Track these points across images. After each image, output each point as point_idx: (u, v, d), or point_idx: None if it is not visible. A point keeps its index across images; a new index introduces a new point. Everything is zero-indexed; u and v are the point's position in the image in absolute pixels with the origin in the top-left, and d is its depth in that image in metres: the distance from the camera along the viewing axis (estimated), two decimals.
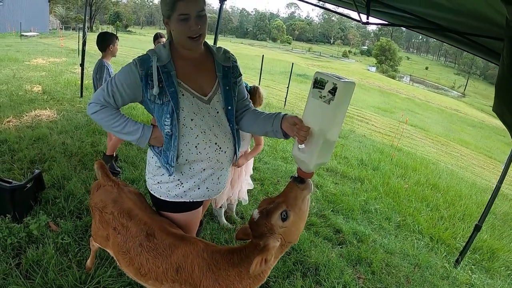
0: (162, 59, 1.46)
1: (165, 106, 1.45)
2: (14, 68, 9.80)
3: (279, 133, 1.50)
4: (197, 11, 1.39)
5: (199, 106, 1.50)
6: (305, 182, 1.41)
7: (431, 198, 5.04)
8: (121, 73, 1.48)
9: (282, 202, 1.37)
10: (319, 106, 1.35)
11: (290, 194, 1.38)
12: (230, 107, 1.57)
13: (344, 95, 1.31)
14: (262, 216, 1.38)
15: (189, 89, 1.49)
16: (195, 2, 1.38)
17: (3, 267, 2.22)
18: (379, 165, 6.11)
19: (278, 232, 1.36)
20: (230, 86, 1.57)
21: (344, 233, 3.39)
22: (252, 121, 1.63)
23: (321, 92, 1.34)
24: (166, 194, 1.60)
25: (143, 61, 1.45)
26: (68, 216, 2.85)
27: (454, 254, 3.59)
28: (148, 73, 1.44)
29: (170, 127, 1.46)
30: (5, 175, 3.34)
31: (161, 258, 1.49)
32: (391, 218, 4.04)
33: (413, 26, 3.14)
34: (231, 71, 1.59)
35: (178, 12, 1.38)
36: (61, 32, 31.54)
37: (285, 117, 1.47)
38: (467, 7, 2.13)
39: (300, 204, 1.39)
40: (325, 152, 1.39)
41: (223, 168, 1.64)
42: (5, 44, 17.41)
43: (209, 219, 3.18)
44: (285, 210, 1.35)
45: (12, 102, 6.10)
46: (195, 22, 1.40)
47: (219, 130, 1.55)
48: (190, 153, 1.51)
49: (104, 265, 2.29)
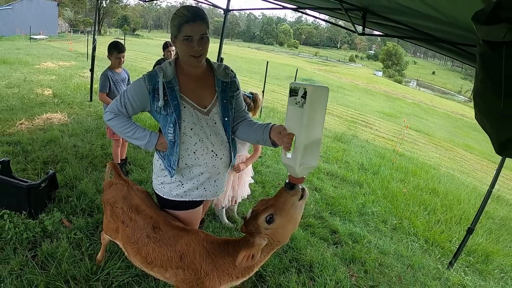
0: (168, 75, 1.67)
1: (169, 117, 1.66)
2: (24, 71, 10.09)
3: (268, 142, 1.67)
4: (200, 34, 1.59)
5: (199, 117, 1.70)
6: (295, 188, 1.53)
7: (429, 202, 5.15)
8: (132, 87, 1.72)
9: (270, 206, 1.52)
10: (295, 112, 1.49)
11: (280, 199, 1.53)
12: (226, 118, 1.76)
13: (316, 98, 1.45)
14: (252, 216, 1.55)
15: (190, 102, 1.70)
16: (198, 26, 1.58)
17: (20, 259, 2.41)
18: (379, 169, 6.23)
19: (264, 233, 1.52)
20: (227, 100, 1.76)
21: (340, 234, 3.54)
22: (246, 131, 1.81)
23: (296, 99, 1.49)
24: (169, 193, 1.81)
25: (151, 77, 1.67)
26: (80, 214, 3.04)
27: (448, 257, 3.70)
28: (155, 87, 1.65)
29: (173, 135, 1.67)
30: (20, 175, 3.54)
31: (166, 248, 1.68)
32: (387, 220, 4.18)
33: (408, 37, 3.29)
34: (229, 86, 1.78)
35: (183, 33, 1.58)
36: (69, 35, 32.03)
37: (273, 127, 1.64)
38: (459, 19, 2.27)
39: (288, 209, 1.51)
40: (309, 155, 1.51)
41: (219, 173, 1.83)
42: (15, 47, 17.79)
43: (212, 218, 3.36)
44: (271, 214, 1.50)
45: (24, 105, 6.34)
46: (197, 43, 1.60)
47: (216, 139, 1.74)
48: (189, 158, 1.72)
49: (113, 258, 2.48)
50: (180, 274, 1.67)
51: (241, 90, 1.90)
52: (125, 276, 2.36)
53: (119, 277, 2.35)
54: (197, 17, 1.57)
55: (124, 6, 64.14)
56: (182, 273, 1.66)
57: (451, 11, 2.20)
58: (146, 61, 17.73)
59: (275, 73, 24.31)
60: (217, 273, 1.62)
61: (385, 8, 2.91)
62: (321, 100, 1.49)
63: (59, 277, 2.28)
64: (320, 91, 1.48)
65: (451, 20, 2.38)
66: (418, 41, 3.44)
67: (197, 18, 1.57)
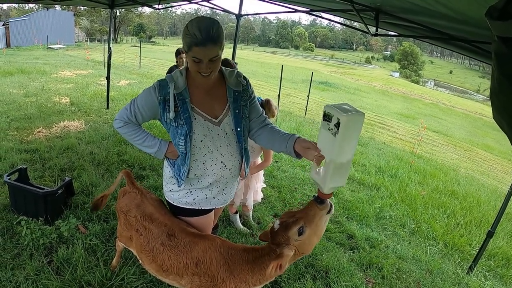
0: (179, 86, 1.63)
1: (180, 129, 1.63)
2: (42, 80, 10.34)
3: (292, 154, 1.63)
4: (210, 57, 1.50)
5: (209, 128, 1.67)
6: (324, 203, 1.55)
7: (448, 205, 5.02)
8: (142, 96, 1.70)
9: (301, 218, 1.53)
10: (328, 138, 1.45)
11: (310, 212, 1.54)
12: (239, 128, 1.72)
13: (349, 128, 1.38)
14: (281, 228, 1.55)
15: (201, 113, 1.66)
16: (209, 50, 1.48)
17: (36, 264, 2.45)
18: (397, 172, 6.11)
19: (293, 244, 1.53)
20: (240, 110, 1.72)
21: (356, 238, 3.47)
22: (269, 139, 1.76)
23: (329, 125, 1.43)
24: (178, 201, 1.80)
25: (161, 87, 1.64)
26: (95, 220, 3.07)
27: (468, 261, 3.59)
28: (166, 98, 1.62)
29: (184, 147, 1.65)
30: (37, 182, 3.61)
31: (182, 255, 1.67)
32: (405, 224, 4.08)
33: (422, 36, 3.22)
34: (241, 95, 1.73)
35: (192, 54, 1.50)
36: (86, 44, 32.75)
37: (298, 140, 1.61)
38: (472, 16, 2.22)
39: (317, 222, 1.54)
40: (338, 177, 1.49)
41: (227, 182, 1.81)
42: (33, 57, 18.30)
43: (227, 224, 3.34)
44: (302, 226, 1.52)
45: (41, 113, 6.49)
46: (206, 65, 1.53)
47: (226, 150, 1.71)
48: (198, 169, 1.70)
49: (128, 264, 2.49)
50: (196, 281, 1.66)
51: (255, 96, 1.85)
52: (139, 282, 2.37)
53: (133, 283, 2.36)
54: (208, 40, 1.46)
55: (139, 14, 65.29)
56: (198, 279, 1.65)
57: (464, 8, 2.15)
58: (162, 68, 17.93)
59: (291, 77, 24.25)
60: (233, 280, 1.61)
61: (398, 8, 2.86)
62: (354, 128, 1.42)
63: (74, 283, 2.31)
64: (355, 119, 1.40)
65: (464, 18, 2.33)
66: (433, 40, 3.36)
67: (208, 42, 1.46)
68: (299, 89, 18.57)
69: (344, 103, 1.48)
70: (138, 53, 18.89)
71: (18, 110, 6.64)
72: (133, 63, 18.33)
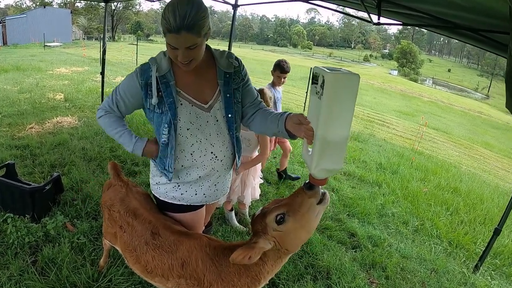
0: (162, 68, 1.46)
1: (164, 116, 1.47)
2: (37, 77, 10.18)
3: (285, 134, 1.44)
4: (186, 46, 1.33)
5: (198, 115, 1.50)
6: (313, 189, 1.33)
7: (451, 202, 4.88)
8: (124, 82, 1.54)
9: (284, 204, 1.34)
10: (315, 103, 1.25)
11: (296, 199, 1.33)
12: (230, 115, 1.54)
13: (337, 90, 1.16)
14: (260, 214, 1.37)
15: (188, 97, 1.49)
16: (184, 38, 1.30)
17: (20, 264, 2.32)
18: (398, 168, 5.97)
19: (271, 234, 1.34)
20: (231, 94, 1.54)
21: (358, 237, 3.33)
22: (261, 123, 1.58)
23: (316, 88, 1.23)
24: (165, 195, 1.63)
25: (143, 71, 1.47)
26: (84, 218, 2.93)
27: (473, 260, 3.46)
28: (148, 82, 1.46)
29: (167, 136, 1.48)
30: (26, 178, 3.48)
31: (166, 255, 1.51)
32: (408, 222, 3.94)
33: (426, 25, 3.09)
34: (232, 77, 1.54)
35: (167, 40, 1.34)
36: (83, 42, 32.52)
37: (289, 116, 1.42)
38: (481, 3, 2.10)
39: (304, 212, 1.32)
40: (329, 156, 1.25)
41: (219, 176, 1.64)
42: (29, 54, 18.14)
43: (222, 221, 3.20)
44: (282, 213, 1.32)
45: (35, 109, 6.34)
46: (182, 54, 1.35)
47: (216, 139, 1.55)
48: (185, 160, 1.54)
49: (116, 264, 2.34)
50: (183, 284, 1.49)
51: (249, 78, 1.66)
52: (128, 284, 2.22)
53: (121, 284, 2.21)
54: (182, 27, 1.27)
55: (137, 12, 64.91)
56: (184, 282, 1.48)
57: None
58: None
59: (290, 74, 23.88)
60: (221, 283, 1.43)
61: None
62: (347, 90, 1.18)
63: (58, 284, 2.17)
64: (344, 79, 1.17)
65: (472, 5, 2.21)
66: (437, 29, 3.23)
67: (182, 29, 1.28)
68: (297, 86, 18.42)
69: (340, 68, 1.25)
70: (135, 50, 18.74)
71: (11, 106, 6.50)
72: (130, 61, 18.15)
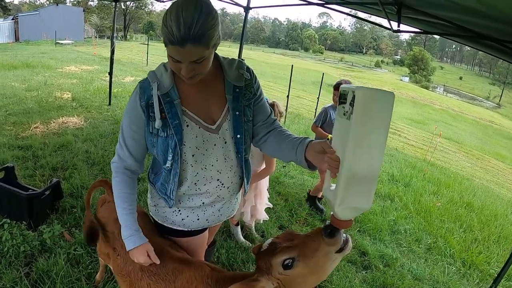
0: (165, 85, 1.26)
1: (170, 140, 1.26)
2: (46, 75, 10.14)
3: (304, 164, 1.23)
4: (190, 61, 1.13)
5: (204, 139, 1.30)
6: (335, 236, 1.11)
7: (465, 218, 4.69)
8: (127, 113, 1.31)
9: (296, 246, 1.15)
10: (342, 126, 1.05)
11: (311, 243, 1.14)
12: (239, 135, 1.34)
13: (369, 106, 0.99)
14: (268, 250, 1.20)
15: (194, 117, 1.29)
16: (188, 52, 1.09)
17: (13, 274, 2.22)
18: (411, 181, 5.77)
19: (276, 276, 1.17)
20: (240, 111, 1.33)
21: (370, 255, 3.16)
22: (276, 146, 1.37)
23: (344, 108, 1.04)
24: (164, 219, 1.46)
25: (143, 90, 1.27)
26: (83, 227, 2.80)
27: (487, 282, 3.28)
28: (149, 103, 1.25)
29: (171, 163, 1.29)
30: (27, 181, 3.38)
31: (163, 284, 1.36)
32: (421, 239, 3.76)
33: (448, 33, 2.93)
34: (243, 92, 1.34)
35: (168, 52, 1.14)
36: (95, 40, 32.71)
37: (311, 144, 1.20)
38: (507, 13, 1.94)
39: (318, 258, 1.13)
40: (357, 192, 1.05)
41: (225, 202, 1.47)
42: (40, 51, 18.24)
43: (227, 236, 3.05)
44: (292, 258, 1.14)
45: (41, 108, 6.27)
46: (186, 68, 1.15)
47: (224, 164, 1.36)
48: (189, 189, 1.36)
49: (113, 280, 2.21)
50: None
51: (262, 92, 1.44)
52: None
53: None
54: (188, 39, 1.06)
55: (149, 12, 65.32)
56: None
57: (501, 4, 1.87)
58: None
59: (300, 78, 23.92)
60: None
61: (423, 2, 2.58)
62: (381, 110, 1.01)
63: None
64: (378, 95, 1.00)
65: (498, 14, 2.05)
66: (459, 38, 3.06)
67: (187, 41, 1.06)
68: (308, 91, 18.27)
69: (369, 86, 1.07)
70: (146, 50, 18.73)
71: (18, 104, 6.44)
72: (140, 60, 18.12)
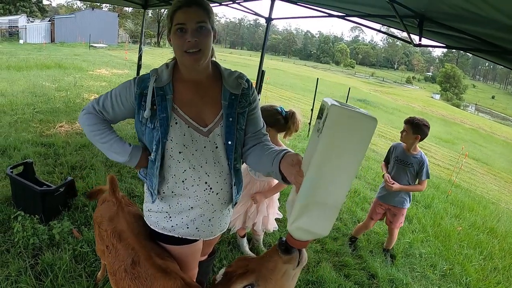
0: (162, 80, 1.33)
1: (155, 132, 1.31)
2: (77, 76, 10.52)
3: (277, 175, 1.23)
4: (196, 21, 1.25)
5: (194, 138, 1.33)
6: (291, 252, 1.08)
7: (486, 245, 4.43)
8: (119, 87, 1.39)
9: (252, 271, 1.10)
10: (313, 142, 1.00)
11: (268, 264, 1.09)
12: (230, 142, 1.36)
13: (341, 127, 0.91)
14: (222, 281, 1.14)
15: (185, 117, 1.32)
16: (194, 12, 1.25)
17: (19, 264, 2.30)
18: (432, 202, 5.50)
19: None
20: (234, 118, 1.36)
21: (379, 279, 3.01)
22: (257, 159, 1.38)
23: (319, 123, 0.99)
24: (155, 224, 1.46)
25: (141, 80, 1.35)
26: (92, 226, 2.84)
27: None
28: (143, 93, 1.32)
29: (154, 155, 1.33)
30: (45, 177, 3.49)
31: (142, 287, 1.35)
32: (436, 265, 3.54)
33: (472, 48, 2.82)
34: (238, 99, 1.37)
35: (175, 22, 1.26)
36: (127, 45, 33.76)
37: (286, 155, 1.19)
38: None
39: (277, 278, 1.09)
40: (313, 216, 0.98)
41: (215, 210, 1.43)
42: (73, 53, 18.99)
43: (233, 247, 3.01)
44: (250, 284, 1.08)
45: (68, 108, 6.50)
46: (191, 34, 1.24)
47: (213, 168, 1.36)
48: (176, 186, 1.36)
49: None
50: None
51: (258, 105, 1.48)
52: None
53: None
54: (192, 2, 1.25)
55: None
56: None
57: None
58: None
59: (329, 92, 23.62)
60: None
61: (446, 15, 2.49)
62: (354, 134, 0.93)
63: None
64: (354, 118, 0.92)
65: None
66: (484, 54, 2.92)
67: (192, 3, 1.25)
68: None
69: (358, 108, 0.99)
70: None
71: (46, 103, 6.71)
72: None
